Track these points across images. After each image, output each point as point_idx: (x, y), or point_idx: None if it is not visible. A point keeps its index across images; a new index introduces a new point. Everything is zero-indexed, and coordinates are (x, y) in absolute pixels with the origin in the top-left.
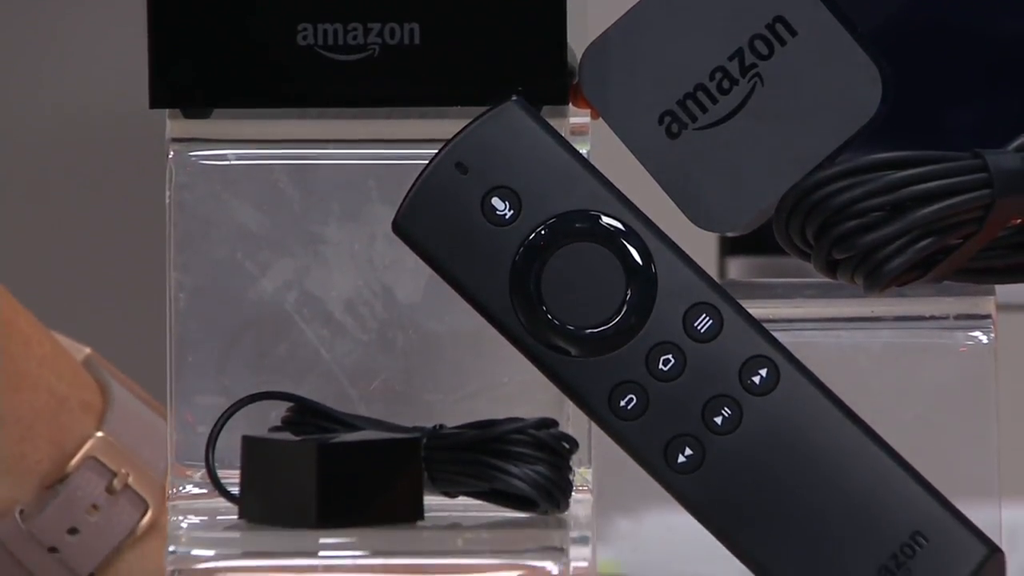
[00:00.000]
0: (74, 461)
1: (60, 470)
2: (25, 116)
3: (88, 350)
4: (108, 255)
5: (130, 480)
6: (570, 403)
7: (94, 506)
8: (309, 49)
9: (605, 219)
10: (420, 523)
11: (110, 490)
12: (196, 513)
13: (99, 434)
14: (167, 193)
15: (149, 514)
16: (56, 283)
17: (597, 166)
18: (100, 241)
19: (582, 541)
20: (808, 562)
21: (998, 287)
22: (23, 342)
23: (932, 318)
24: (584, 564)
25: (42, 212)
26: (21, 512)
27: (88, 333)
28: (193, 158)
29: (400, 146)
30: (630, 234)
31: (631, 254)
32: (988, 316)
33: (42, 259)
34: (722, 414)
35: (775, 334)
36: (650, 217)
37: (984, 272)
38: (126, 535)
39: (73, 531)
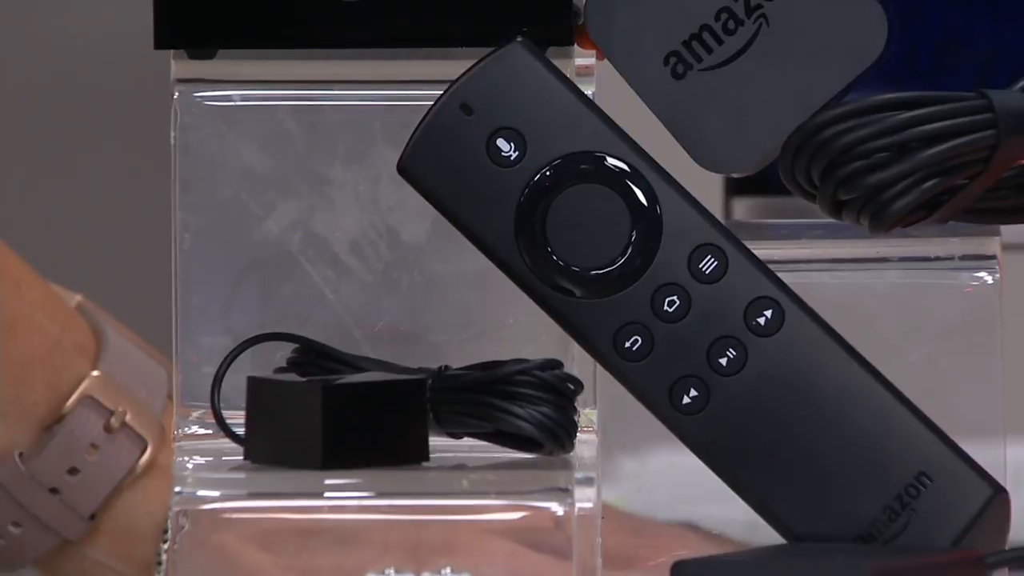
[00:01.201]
0: (71, 401)
1: (57, 411)
2: (27, 56)
3: (80, 297)
4: (112, 197)
5: (127, 418)
6: (575, 344)
7: (93, 445)
8: None
9: (610, 160)
10: (425, 464)
11: (108, 429)
12: (201, 454)
13: (95, 373)
14: (172, 134)
15: (148, 452)
16: (56, 230)
17: (602, 107)
18: (103, 183)
19: (587, 482)
20: (813, 502)
21: (1003, 227)
22: (14, 285)
23: (937, 258)
24: (589, 505)
25: (43, 155)
26: (20, 455)
27: (89, 278)
28: (198, 99)
29: (405, 87)
30: (635, 175)
31: (636, 195)
32: (993, 256)
33: (43, 204)
34: (727, 355)
35: (780, 275)
36: (655, 158)
37: (989, 212)
38: (126, 473)
39: (73, 471)
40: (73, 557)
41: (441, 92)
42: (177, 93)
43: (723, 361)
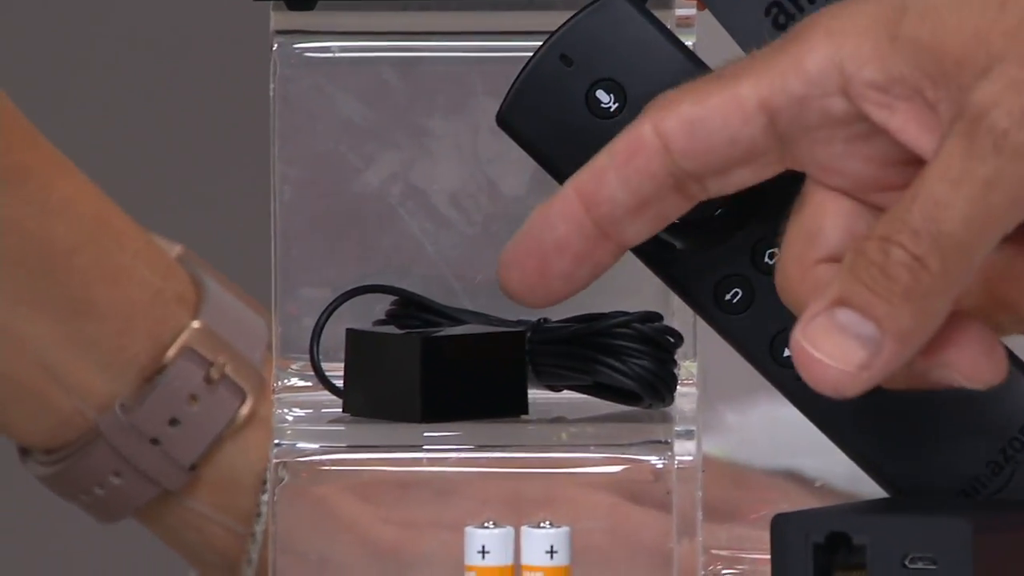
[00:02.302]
0: (171, 352)
1: (158, 362)
2: (129, 9)
3: (180, 247)
4: (212, 149)
5: (227, 369)
6: (675, 296)
7: (193, 397)
8: None
9: None
10: (524, 417)
11: (208, 380)
12: (301, 406)
13: (195, 325)
14: (271, 86)
15: (248, 403)
16: (157, 181)
17: (703, 58)
18: (203, 135)
19: (687, 435)
20: (915, 456)
21: None
22: (115, 236)
23: None
24: (689, 458)
25: (144, 109)
26: (122, 406)
27: (190, 230)
28: (297, 50)
29: (505, 38)
30: None
31: None
32: None
33: (145, 157)
34: None
35: None
36: None
37: None
38: (226, 424)
39: (174, 422)
40: (174, 508)
41: (540, 43)
42: (276, 45)
43: None
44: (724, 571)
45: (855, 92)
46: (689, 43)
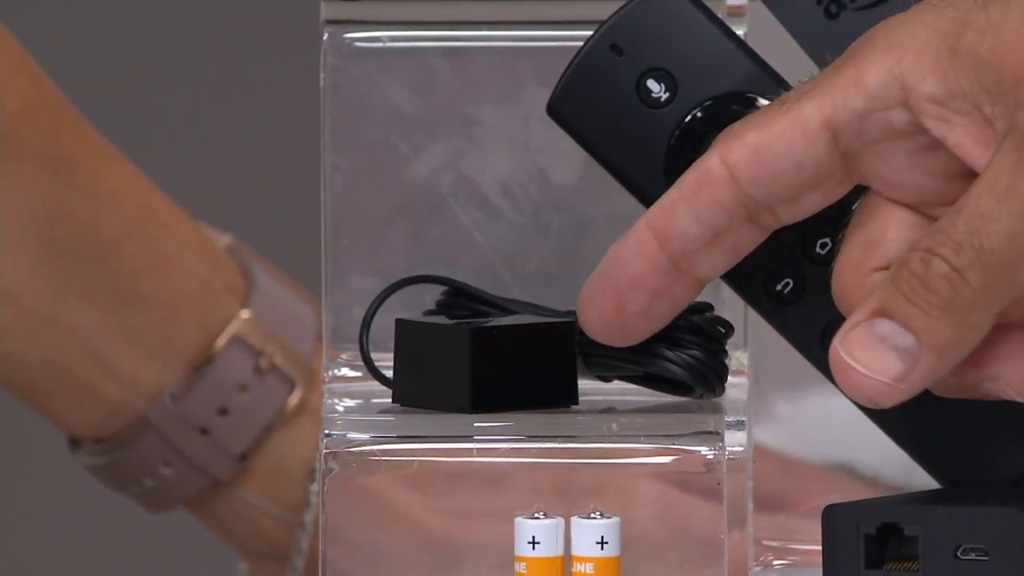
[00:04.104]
0: (220, 342)
1: (207, 352)
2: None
3: (229, 237)
4: (262, 139)
5: (276, 359)
6: (726, 287)
7: (242, 386)
8: None
9: (762, 101)
10: (574, 407)
11: (257, 370)
12: (351, 396)
13: (244, 314)
14: (321, 76)
15: (297, 393)
16: (206, 171)
17: (754, 48)
18: (253, 125)
19: (738, 425)
20: (966, 446)
21: None
22: (163, 226)
23: None
24: (740, 448)
25: (194, 98)
26: (171, 395)
27: (239, 219)
28: (347, 40)
29: (555, 28)
30: None
31: None
32: None
33: (194, 146)
34: None
35: None
36: None
37: None
38: (275, 414)
39: (223, 411)
40: (224, 498)
41: (591, 33)
42: (326, 34)
43: None
44: (775, 562)
45: (915, 105)
46: (740, 32)
